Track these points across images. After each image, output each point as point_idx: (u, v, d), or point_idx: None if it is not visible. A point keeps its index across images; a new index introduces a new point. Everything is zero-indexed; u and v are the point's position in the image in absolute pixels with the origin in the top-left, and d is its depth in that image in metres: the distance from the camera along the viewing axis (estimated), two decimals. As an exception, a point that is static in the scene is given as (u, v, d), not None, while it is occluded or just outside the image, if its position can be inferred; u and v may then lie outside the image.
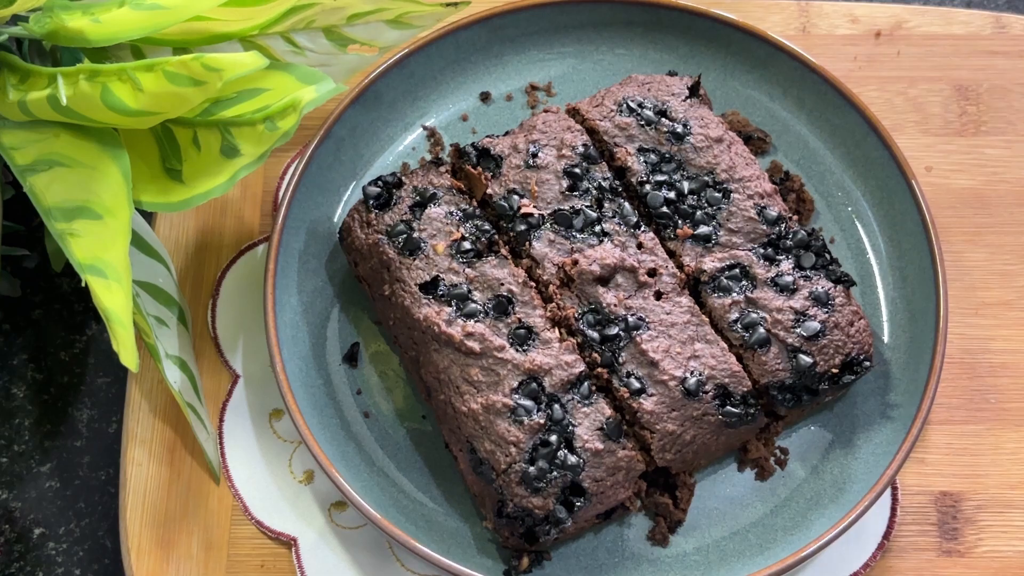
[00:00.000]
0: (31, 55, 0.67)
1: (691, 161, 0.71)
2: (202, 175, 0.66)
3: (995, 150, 0.80)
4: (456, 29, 0.77)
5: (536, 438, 0.64)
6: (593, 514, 0.65)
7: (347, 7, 0.71)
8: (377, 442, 0.69)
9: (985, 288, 0.76)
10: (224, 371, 0.73)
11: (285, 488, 0.70)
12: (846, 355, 0.67)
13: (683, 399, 0.65)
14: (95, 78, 0.61)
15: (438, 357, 0.66)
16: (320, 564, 0.67)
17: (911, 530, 0.69)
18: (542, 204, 0.70)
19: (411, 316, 0.67)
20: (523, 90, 0.79)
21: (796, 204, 0.75)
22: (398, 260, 0.68)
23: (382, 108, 0.77)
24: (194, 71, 0.60)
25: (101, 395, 0.75)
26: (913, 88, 0.81)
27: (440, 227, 0.69)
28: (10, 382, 0.75)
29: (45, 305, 0.77)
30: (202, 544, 0.68)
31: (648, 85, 0.74)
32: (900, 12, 0.84)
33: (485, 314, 0.67)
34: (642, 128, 0.72)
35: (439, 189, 0.71)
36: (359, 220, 0.71)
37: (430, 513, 0.67)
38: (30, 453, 0.73)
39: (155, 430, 0.71)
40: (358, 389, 0.71)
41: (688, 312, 0.67)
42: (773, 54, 0.77)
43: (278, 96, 0.65)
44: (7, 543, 0.71)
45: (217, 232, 0.77)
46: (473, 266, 0.68)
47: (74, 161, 0.64)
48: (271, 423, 0.71)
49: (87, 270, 0.62)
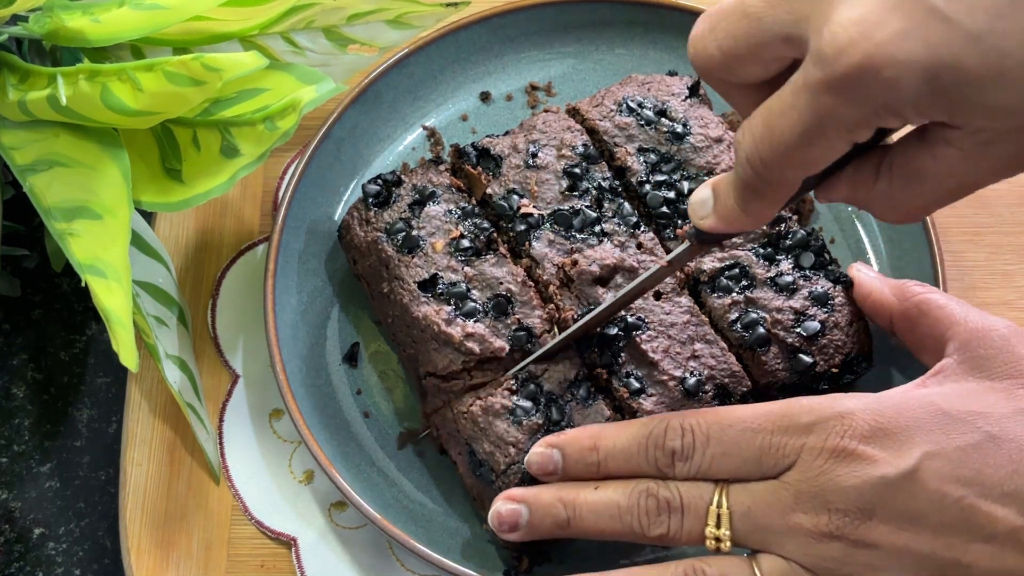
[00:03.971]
0: (31, 55, 0.67)
1: (691, 161, 0.71)
2: (202, 175, 0.66)
3: (995, 150, 0.79)
4: (456, 29, 0.77)
5: (535, 439, 0.63)
6: (593, 514, 0.65)
7: (347, 7, 0.71)
8: (377, 442, 0.69)
9: (985, 288, 0.75)
10: (224, 371, 0.73)
11: (285, 488, 0.70)
12: (846, 355, 0.67)
13: (682, 399, 0.65)
14: (95, 78, 0.62)
15: (437, 356, 0.66)
16: (320, 564, 0.67)
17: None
18: (542, 204, 0.70)
19: (409, 314, 0.67)
20: (523, 90, 0.79)
21: (796, 204, 0.75)
22: (397, 258, 0.68)
23: (382, 108, 0.77)
24: (194, 71, 0.60)
25: (101, 395, 0.75)
26: (913, 88, 0.81)
27: (439, 225, 0.69)
28: (10, 382, 0.75)
29: (45, 305, 0.77)
30: (202, 544, 0.68)
31: (648, 85, 0.74)
32: (900, 12, 0.83)
33: (484, 314, 0.67)
34: (642, 128, 0.72)
35: (438, 187, 0.71)
36: (358, 218, 0.71)
37: (430, 513, 0.67)
38: (30, 453, 0.73)
39: (155, 430, 0.71)
40: (358, 389, 0.71)
41: (688, 312, 0.67)
42: (773, 54, 0.77)
43: (278, 96, 0.65)
44: (7, 543, 0.71)
45: (217, 232, 0.77)
46: (472, 264, 0.68)
47: (74, 161, 0.64)
48: (271, 423, 0.71)
49: (87, 270, 0.62)
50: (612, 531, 0.59)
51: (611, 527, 0.59)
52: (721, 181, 0.55)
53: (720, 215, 0.55)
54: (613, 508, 0.58)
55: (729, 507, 0.56)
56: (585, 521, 0.59)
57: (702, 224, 0.56)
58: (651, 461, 0.58)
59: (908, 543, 0.54)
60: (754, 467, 0.56)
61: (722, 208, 0.55)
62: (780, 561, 0.56)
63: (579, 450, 0.60)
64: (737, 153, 0.52)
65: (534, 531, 0.60)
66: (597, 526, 0.59)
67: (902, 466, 0.53)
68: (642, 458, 0.59)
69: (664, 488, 0.58)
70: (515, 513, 0.60)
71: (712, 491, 0.57)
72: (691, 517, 0.57)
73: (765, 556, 0.56)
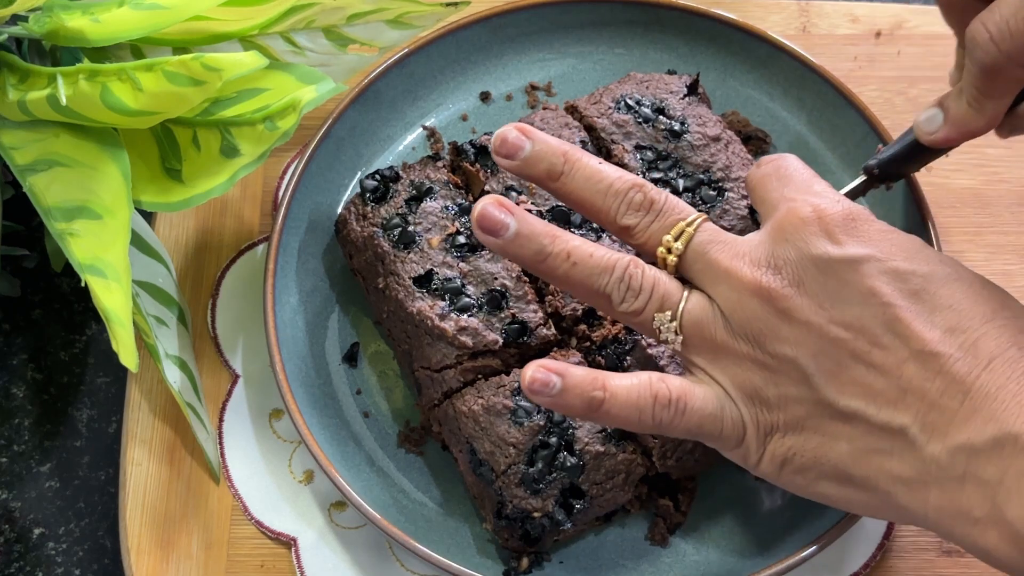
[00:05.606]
0: (31, 55, 0.67)
1: (688, 159, 0.71)
2: (202, 175, 0.66)
3: (995, 150, 0.79)
4: (456, 29, 0.77)
5: (536, 439, 0.64)
6: (593, 516, 0.65)
7: (347, 7, 0.71)
8: (377, 442, 0.69)
9: (985, 288, 0.75)
10: (224, 371, 0.73)
11: (285, 488, 0.70)
12: None
13: (684, 403, 0.65)
14: (95, 78, 0.62)
15: (431, 351, 0.66)
16: (320, 564, 0.67)
17: (912, 530, 0.69)
18: (540, 201, 0.70)
19: (404, 310, 0.67)
20: (523, 90, 0.79)
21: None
22: (393, 253, 0.68)
23: (382, 108, 0.77)
24: (194, 71, 0.60)
25: (101, 395, 0.75)
26: (913, 88, 0.81)
27: (436, 221, 0.69)
28: (10, 382, 0.75)
29: (45, 305, 0.77)
30: (202, 544, 0.68)
31: (646, 83, 0.74)
32: (901, 12, 0.83)
33: (479, 308, 0.67)
34: (639, 126, 0.72)
35: (436, 183, 0.71)
36: (355, 212, 0.71)
37: (430, 513, 0.67)
38: (30, 453, 0.73)
39: (155, 430, 0.71)
40: (358, 389, 0.71)
41: None
42: (773, 54, 0.77)
43: (278, 96, 0.65)
44: (7, 543, 0.71)
45: (217, 232, 0.77)
46: (467, 260, 0.68)
47: (74, 161, 0.64)
48: (271, 423, 0.71)
49: (87, 270, 0.62)
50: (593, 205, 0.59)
51: (592, 197, 0.59)
52: (947, 96, 0.62)
53: (953, 122, 0.61)
54: (604, 187, 0.58)
55: (695, 229, 0.57)
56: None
57: (933, 138, 0.62)
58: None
59: (822, 324, 0.54)
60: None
61: (955, 116, 0.61)
62: (705, 299, 0.57)
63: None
64: (973, 52, 0.57)
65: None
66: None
67: (849, 253, 0.54)
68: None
69: (654, 191, 0.58)
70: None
71: (691, 214, 0.58)
72: (659, 220, 0.58)
73: (696, 292, 0.57)
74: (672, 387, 0.56)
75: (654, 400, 0.56)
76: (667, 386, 0.56)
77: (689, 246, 0.57)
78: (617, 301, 0.57)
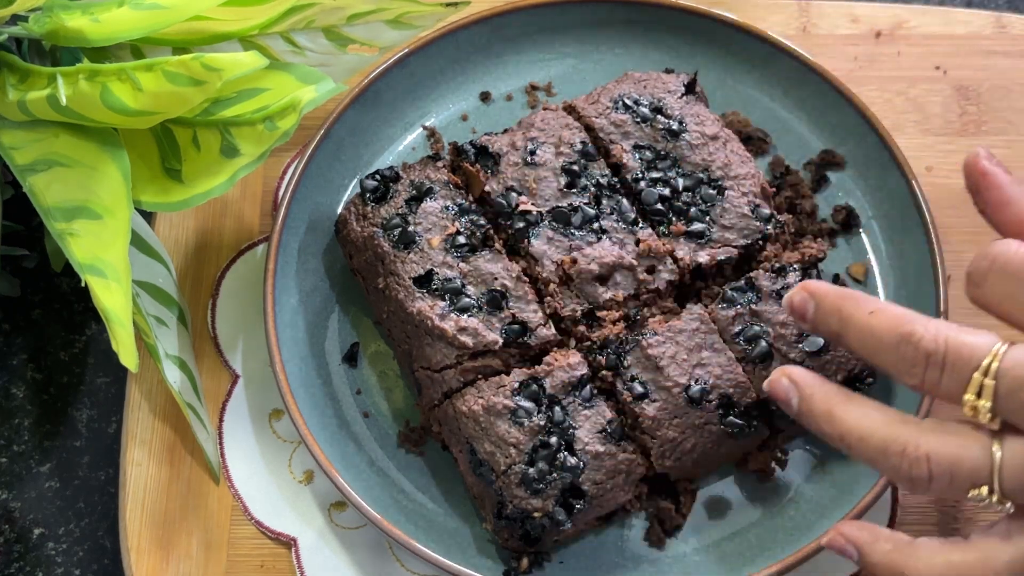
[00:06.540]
0: (31, 55, 0.67)
1: (686, 158, 0.71)
2: (202, 175, 0.66)
3: (996, 150, 0.79)
4: (456, 29, 0.77)
5: (536, 440, 0.63)
6: (593, 516, 0.65)
7: (347, 7, 0.71)
8: (377, 442, 0.69)
9: (985, 288, 0.75)
10: (224, 371, 0.73)
11: (285, 488, 0.70)
12: (849, 371, 0.66)
13: (686, 407, 0.65)
14: (95, 78, 0.62)
15: (430, 351, 0.66)
16: (320, 564, 0.67)
17: (912, 531, 0.69)
18: (540, 201, 0.70)
19: (404, 310, 0.67)
20: (523, 90, 0.79)
21: (795, 201, 0.75)
22: (392, 253, 0.68)
23: (382, 108, 0.77)
24: (194, 71, 0.60)
25: (101, 395, 0.75)
26: (913, 88, 0.81)
27: (436, 221, 0.69)
28: (10, 382, 0.75)
29: (45, 305, 0.77)
30: (202, 544, 0.68)
31: (644, 82, 0.74)
32: (900, 12, 0.83)
33: (479, 308, 0.67)
34: (638, 125, 0.72)
35: (436, 183, 0.71)
36: (355, 213, 0.71)
37: (430, 513, 0.67)
38: (30, 453, 0.73)
39: (155, 430, 0.71)
40: (358, 389, 0.71)
41: (697, 319, 0.67)
42: (773, 54, 0.77)
43: (278, 96, 0.65)
44: (7, 543, 0.71)
45: (217, 232, 0.77)
46: (467, 260, 0.68)
47: (74, 161, 0.64)
48: (271, 423, 0.71)
49: (87, 270, 0.62)
50: (873, 363, 0.55)
51: (871, 358, 0.54)
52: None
53: None
54: (875, 342, 0.53)
55: (995, 378, 0.49)
56: (849, 339, 0.55)
57: None
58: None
59: None
60: None
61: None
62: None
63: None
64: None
65: (817, 326, 0.56)
66: (862, 350, 0.55)
67: None
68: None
69: (926, 340, 0.51)
70: (805, 302, 0.56)
71: (981, 355, 0.49)
72: (948, 376, 0.50)
73: (1012, 440, 0.49)
74: None
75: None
76: None
77: (998, 397, 0.49)
78: (922, 491, 0.53)
